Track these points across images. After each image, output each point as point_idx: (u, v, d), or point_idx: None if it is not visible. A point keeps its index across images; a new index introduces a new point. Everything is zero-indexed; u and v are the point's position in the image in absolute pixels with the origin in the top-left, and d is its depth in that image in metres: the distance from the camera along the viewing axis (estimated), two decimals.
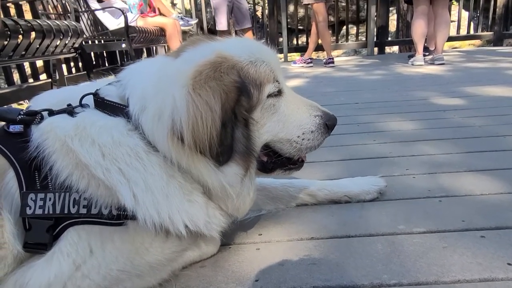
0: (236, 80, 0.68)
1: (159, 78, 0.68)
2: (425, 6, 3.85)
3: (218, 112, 0.64)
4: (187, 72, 0.67)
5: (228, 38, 0.79)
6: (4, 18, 1.35)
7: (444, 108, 2.07)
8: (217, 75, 0.67)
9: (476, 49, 5.86)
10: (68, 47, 1.89)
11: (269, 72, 0.75)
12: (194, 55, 0.72)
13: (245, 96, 0.69)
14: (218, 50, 0.72)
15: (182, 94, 0.64)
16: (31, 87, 2.82)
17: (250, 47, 0.76)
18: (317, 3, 4.27)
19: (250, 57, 0.73)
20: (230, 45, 0.75)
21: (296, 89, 2.75)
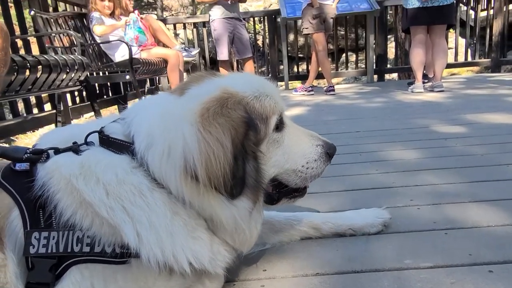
0: (243, 115, 0.69)
1: (166, 116, 0.69)
2: (423, 35, 3.94)
3: (229, 148, 0.65)
4: (194, 109, 0.68)
5: (230, 74, 0.82)
6: (13, 55, 1.38)
7: (446, 136, 2.08)
8: (224, 111, 0.68)
9: (474, 76, 5.94)
10: (74, 80, 1.93)
11: (273, 106, 0.77)
12: (200, 92, 0.73)
13: (253, 130, 0.70)
14: (223, 86, 0.73)
15: (192, 132, 0.65)
16: (36, 118, 2.86)
17: (253, 82, 0.78)
18: (317, 33, 4.38)
19: (254, 92, 0.75)
20: (234, 81, 0.77)
21: (298, 118, 2.79)
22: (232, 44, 4.94)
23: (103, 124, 0.76)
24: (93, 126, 0.77)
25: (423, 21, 3.84)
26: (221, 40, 4.82)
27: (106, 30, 3.32)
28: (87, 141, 0.73)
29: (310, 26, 4.36)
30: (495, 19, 5.67)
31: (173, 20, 6.16)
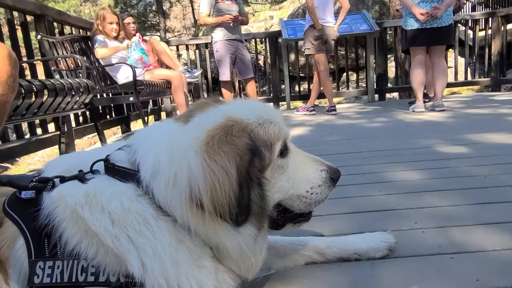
0: (248, 143, 0.70)
1: (171, 144, 0.70)
2: (422, 55, 3.99)
3: (234, 176, 0.65)
4: (199, 137, 0.69)
5: (234, 101, 0.83)
6: (20, 79, 1.41)
7: (448, 156, 2.08)
8: (229, 139, 0.69)
9: (475, 95, 5.98)
10: (78, 103, 1.95)
11: (278, 132, 0.77)
12: (204, 119, 0.74)
13: (258, 157, 0.71)
14: (228, 114, 0.74)
15: (197, 161, 0.65)
16: (40, 140, 2.88)
17: (257, 109, 0.79)
18: (319, 54, 4.44)
19: (258, 118, 0.76)
20: (238, 108, 0.78)
21: (299, 138, 2.80)
22: (234, 65, 5.01)
23: (109, 151, 0.77)
24: (98, 153, 0.77)
25: (422, 42, 3.90)
26: (223, 61, 4.89)
27: (108, 52, 3.38)
28: (92, 169, 0.73)
29: (312, 47, 4.42)
30: (494, 39, 5.75)
31: (176, 42, 6.26)
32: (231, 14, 4.75)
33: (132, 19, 4.11)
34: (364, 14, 5.74)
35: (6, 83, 1.05)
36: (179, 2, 17.36)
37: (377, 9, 14.06)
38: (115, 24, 3.47)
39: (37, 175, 0.76)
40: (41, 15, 3.05)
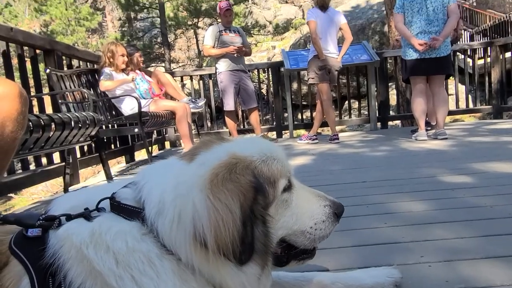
0: (251, 180, 0.71)
1: (176, 183, 0.71)
2: (422, 84, 4.04)
3: (238, 214, 0.66)
4: (204, 176, 0.70)
5: (237, 138, 0.85)
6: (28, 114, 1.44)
7: (453, 186, 2.07)
8: (233, 176, 0.70)
9: (477, 122, 6.00)
10: (85, 135, 1.98)
11: (281, 169, 0.78)
12: (209, 157, 0.75)
13: (261, 194, 0.72)
14: (231, 151, 0.76)
15: (201, 199, 0.66)
16: (45, 171, 2.90)
17: (260, 146, 0.80)
18: (322, 83, 4.51)
19: (262, 156, 0.77)
20: (241, 146, 0.79)
21: (303, 167, 2.81)
22: (237, 95, 5.10)
23: (115, 189, 0.78)
24: (104, 190, 0.78)
25: (422, 71, 3.97)
26: (227, 91, 4.98)
27: (113, 85, 3.46)
28: (98, 207, 0.74)
29: (316, 77, 4.51)
30: (493, 67, 5.84)
31: (181, 73, 6.40)
32: (234, 46, 4.88)
33: (140, 53, 4.23)
34: (364, 45, 5.88)
35: (16, 120, 1.08)
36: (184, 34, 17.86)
37: (377, 39, 14.40)
38: (125, 57, 3.58)
39: (44, 213, 0.77)
40: (50, 50, 3.16)
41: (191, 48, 21.95)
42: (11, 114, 1.07)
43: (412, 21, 3.91)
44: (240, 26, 16.06)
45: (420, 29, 3.86)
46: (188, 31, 17.47)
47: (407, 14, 3.94)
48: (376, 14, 14.76)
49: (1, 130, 1.06)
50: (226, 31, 5.02)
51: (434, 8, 3.81)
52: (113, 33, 19.85)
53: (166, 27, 15.32)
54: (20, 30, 2.83)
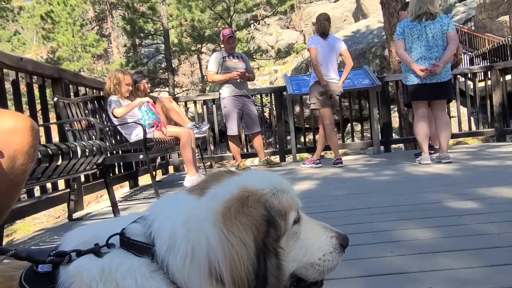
0: (264, 213, 0.72)
1: (187, 218, 0.72)
2: (424, 109, 4.08)
3: (252, 247, 0.66)
4: (216, 209, 0.71)
5: (247, 171, 0.86)
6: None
7: (459, 212, 2.06)
8: (245, 210, 0.71)
9: (480, 145, 6.00)
10: (91, 164, 2.00)
11: (291, 202, 0.80)
12: (220, 191, 0.76)
13: (273, 227, 0.72)
14: (242, 185, 0.77)
15: (215, 234, 0.67)
16: (50, 198, 2.91)
17: (269, 179, 0.81)
18: (324, 108, 4.56)
19: (272, 189, 0.78)
20: (251, 179, 0.80)
21: (307, 192, 2.80)
22: (241, 120, 5.15)
23: (124, 224, 0.79)
24: (114, 225, 0.79)
25: (423, 96, 4.01)
26: (230, 116, 5.04)
27: (125, 110, 3.51)
28: (108, 243, 0.75)
29: (317, 102, 4.56)
30: (494, 91, 5.89)
31: (185, 98, 6.49)
32: (238, 71, 4.97)
33: (147, 79, 4.32)
34: (365, 69, 5.96)
35: (27, 153, 1.10)
36: (187, 59, 18.19)
37: (377, 63, 14.61)
38: (130, 86, 3.65)
39: (54, 248, 0.77)
40: (58, 78, 3.23)
41: (195, 73, 22.32)
42: (23, 147, 1.09)
43: (412, 47, 3.98)
44: (242, 51, 16.39)
45: (420, 55, 3.93)
46: (192, 56, 17.80)
47: (407, 40, 4.02)
48: (376, 39, 15.04)
49: (12, 163, 1.08)
50: (230, 57, 5.12)
51: (434, 35, 3.88)
52: (118, 59, 20.26)
53: (170, 53, 15.63)
54: (30, 60, 2.91)
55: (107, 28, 28.10)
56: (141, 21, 15.92)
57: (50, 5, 20.54)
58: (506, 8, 12.27)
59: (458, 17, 20.79)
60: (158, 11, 15.89)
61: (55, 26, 20.39)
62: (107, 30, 27.94)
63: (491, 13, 16.52)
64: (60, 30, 20.15)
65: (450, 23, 3.94)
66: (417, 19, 3.95)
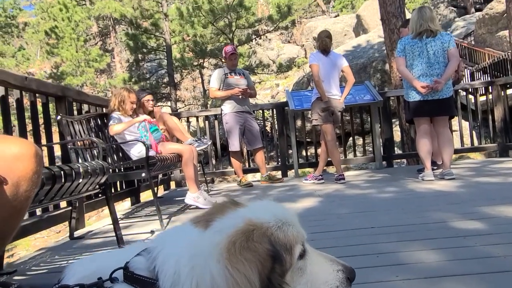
0: (269, 248, 0.71)
1: (192, 253, 0.71)
2: (426, 125, 4.08)
3: (257, 284, 0.66)
4: (220, 244, 0.70)
5: (252, 203, 0.85)
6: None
7: (464, 233, 2.04)
8: (250, 245, 0.70)
9: (483, 161, 5.98)
10: (94, 184, 2.00)
11: (296, 235, 0.79)
12: (225, 224, 0.76)
13: (278, 263, 0.72)
14: (247, 218, 0.76)
15: (220, 270, 0.66)
16: (52, 217, 2.90)
17: (275, 211, 0.81)
18: (326, 124, 4.57)
19: (277, 221, 0.78)
20: (256, 211, 0.80)
21: (309, 210, 2.78)
22: (243, 136, 5.16)
23: (128, 256, 0.78)
24: (118, 258, 0.79)
25: (425, 113, 4.02)
26: (232, 132, 5.05)
27: (122, 128, 3.52)
28: (111, 277, 0.74)
29: (319, 118, 4.57)
30: (495, 106, 5.90)
31: (187, 113, 6.51)
32: (239, 88, 5.01)
33: (151, 96, 4.34)
34: (367, 85, 5.99)
35: (31, 179, 1.11)
36: (189, 74, 18.34)
37: (378, 77, 14.69)
38: (134, 104, 3.68)
39: (57, 282, 0.77)
40: (62, 96, 3.25)
41: (197, 87, 22.49)
42: (26, 174, 1.09)
43: (414, 64, 4.01)
44: (244, 65, 16.54)
45: (421, 72, 3.95)
46: (194, 71, 17.95)
47: (409, 57, 4.05)
48: (377, 53, 15.15)
49: (16, 190, 1.08)
50: (232, 73, 5.17)
51: (435, 52, 3.91)
52: (121, 74, 20.44)
53: (173, 68, 15.77)
54: (34, 79, 2.93)
55: (110, 43, 28.45)
56: (144, 37, 16.12)
57: (55, 21, 20.86)
58: (506, 23, 12.38)
59: (457, 31, 21.00)
60: (161, 27, 16.11)
61: (59, 42, 20.67)
62: (110, 45, 28.29)
63: (491, 28, 16.68)
64: (64, 45, 20.42)
65: (451, 40, 3.97)
66: (418, 36, 3.99)
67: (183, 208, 3.77)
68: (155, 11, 16.34)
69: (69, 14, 20.68)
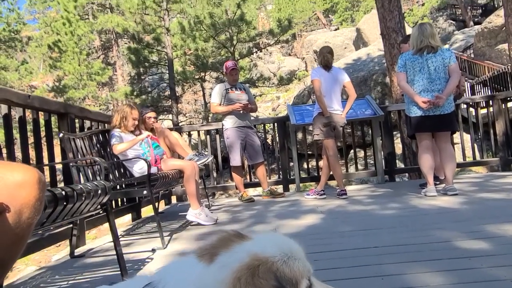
0: (275, 285, 0.70)
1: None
2: (428, 140, 4.08)
3: None
4: (225, 280, 0.69)
5: (258, 236, 0.84)
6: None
7: (469, 254, 2.02)
8: (256, 281, 0.69)
9: (486, 175, 5.94)
10: (96, 204, 1.99)
11: (302, 269, 0.78)
12: (229, 259, 0.75)
13: None
14: (252, 252, 0.75)
15: None
16: (53, 235, 2.88)
17: (281, 245, 0.80)
18: (327, 140, 4.57)
19: (283, 256, 0.77)
20: (262, 245, 0.79)
21: (312, 227, 2.75)
22: (244, 150, 5.16)
23: None
24: None
25: (427, 128, 4.02)
26: (233, 147, 5.06)
27: (126, 147, 3.52)
28: None
29: (321, 133, 4.57)
30: (497, 120, 5.90)
31: (188, 128, 6.54)
32: (240, 103, 5.02)
33: (154, 114, 4.35)
34: (368, 99, 6.01)
35: (34, 206, 1.10)
36: (191, 87, 18.45)
37: (379, 90, 14.76)
38: (136, 121, 3.69)
39: None
40: (64, 113, 3.26)
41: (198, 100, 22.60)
42: (29, 201, 1.09)
43: (415, 79, 4.02)
44: (245, 78, 16.62)
45: (422, 88, 3.96)
46: (195, 84, 18.06)
47: (409, 73, 4.06)
48: (377, 66, 15.25)
49: (18, 217, 1.07)
50: (232, 88, 5.19)
51: (436, 68, 3.93)
52: (123, 87, 20.57)
53: (174, 82, 15.87)
54: (37, 97, 2.95)
55: (112, 57, 28.71)
56: (146, 52, 16.27)
57: (58, 35, 21.07)
58: (504, 37, 12.49)
59: (457, 44, 21.17)
60: (163, 41, 16.27)
61: (62, 55, 20.85)
62: (113, 59, 28.54)
63: (490, 41, 16.81)
64: (66, 59, 20.59)
65: (452, 56, 3.99)
66: (418, 52, 4.01)
67: (185, 225, 3.74)
68: (157, 26, 16.53)
69: (72, 28, 20.89)
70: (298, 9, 33.60)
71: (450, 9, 29.66)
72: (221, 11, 15.74)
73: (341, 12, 35.07)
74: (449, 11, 29.73)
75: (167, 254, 2.69)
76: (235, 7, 15.30)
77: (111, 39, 28.52)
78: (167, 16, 16.74)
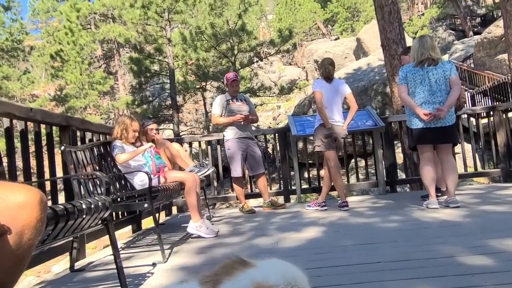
0: None
1: None
2: (430, 152, 4.07)
3: None
4: None
5: (261, 264, 0.83)
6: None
7: (472, 270, 2.00)
8: None
9: (488, 187, 5.93)
10: (97, 219, 1.98)
11: None
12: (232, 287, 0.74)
13: None
14: (256, 281, 0.75)
15: None
16: (53, 249, 2.85)
17: (285, 273, 0.79)
18: (329, 151, 4.57)
19: (286, 284, 0.76)
20: (265, 272, 0.78)
21: (313, 241, 2.74)
22: (245, 161, 5.15)
23: None
24: None
25: (428, 140, 4.02)
26: (234, 158, 5.05)
27: (129, 157, 3.53)
28: None
29: (322, 144, 4.57)
30: (498, 131, 5.89)
31: (190, 138, 6.55)
32: (241, 114, 5.03)
33: (156, 125, 4.36)
34: (368, 110, 6.02)
35: (35, 227, 1.09)
36: (192, 98, 18.52)
37: (379, 99, 14.81)
38: (136, 133, 3.70)
39: None
40: (66, 126, 3.27)
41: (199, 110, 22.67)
42: (31, 222, 1.08)
43: (416, 91, 4.03)
44: (246, 87, 16.69)
45: (423, 100, 3.97)
46: (196, 94, 18.13)
47: (410, 85, 4.07)
48: (378, 76, 15.32)
49: (20, 239, 1.06)
50: (233, 99, 5.21)
51: (437, 80, 3.94)
52: (124, 96, 20.66)
53: (176, 91, 15.94)
54: (39, 110, 2.96)
55: (114, 66, 28.89)
56: (148, 61, 16.37)
57: (60, 44, 21.25)
58: (504, 47, 12.55)
59: (457, 54, 21.28)
60: (164, 51, 16.38)
61: (64, 64, 21.00)
62: (114, 68, 28.72)
63: (489, 51, 16.90)
64: (68, 68, 20.73)
65: (452, 69, 4.01)
66: (419, 64, 4.02)
67: (185, 237, 3.72)
68: (159, 36, 16.65)
69: (75, 38, 21.07)
70: (298, 19, 33.88)
71: (450, 19, 29.91)
72: (222, 21, 15.89)
73: (341, 22, 35.37)
74: (448, 21, 29.99)
75: (168, 269, 2.67)
76: (236, 17, 15.45)
77: (112, 49, 28.74)
78: (169, 26, 16.88)
